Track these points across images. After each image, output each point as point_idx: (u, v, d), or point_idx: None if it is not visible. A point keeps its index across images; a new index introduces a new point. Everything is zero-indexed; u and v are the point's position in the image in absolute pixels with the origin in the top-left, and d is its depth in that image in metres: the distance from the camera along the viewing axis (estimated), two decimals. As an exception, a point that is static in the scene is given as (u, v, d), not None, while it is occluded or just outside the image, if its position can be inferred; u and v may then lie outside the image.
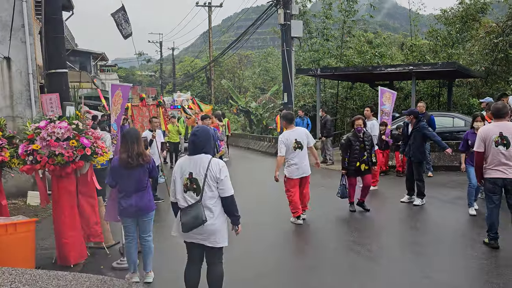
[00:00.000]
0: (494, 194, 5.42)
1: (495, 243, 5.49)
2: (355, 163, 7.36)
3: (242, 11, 50.64)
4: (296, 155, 6.81)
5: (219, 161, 3.83)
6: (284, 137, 6.90)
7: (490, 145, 5.36)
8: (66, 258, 5.34)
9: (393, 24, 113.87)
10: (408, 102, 20.28)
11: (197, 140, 3.83)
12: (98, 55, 32.85)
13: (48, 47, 5.74)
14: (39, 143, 5.14)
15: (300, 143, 6.84)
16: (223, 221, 3.86)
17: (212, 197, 3.77)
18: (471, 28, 21.36)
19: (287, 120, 7.06)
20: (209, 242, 3.84)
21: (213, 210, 3.78)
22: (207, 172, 3.73)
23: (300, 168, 6.85)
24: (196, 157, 3.82)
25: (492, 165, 5.39)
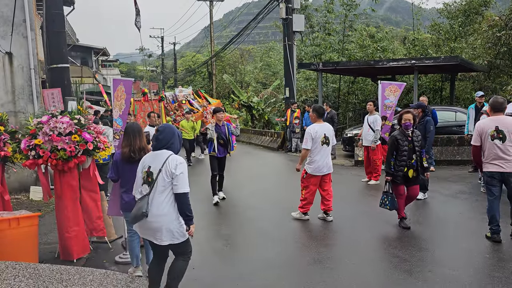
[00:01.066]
0: (493, 186, 5.47)
1: (497, 237, 5.49)
2: (403, 167, 6.14)
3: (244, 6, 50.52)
4: (323, 151, 6.58)
5: (178, 158, 3.82)
6: (314, 130, 6.59)
7: (486, 139, 5.41)
8: (69, 252, 5.36)
9: (395, 18, 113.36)
10: (410, 96, 20.22)
11: (160, 136, 3.89)
12: (99, 50, 32.83)
13: (50, 42, 5.73)
14: (42, 138, 5.15)
15: (328, 139, 6.62)
16: (171, 220, 3.78)
17: (162, 192, 3.76)
18: (474, 21, 21.24)
19: (318, 114, 6.74)
20: (154, 239, 3.84)
21: (161, 206, 3.75)
22: (162, 167, 3.75)
23: (325, 165, 6.62)
24: (157, 152, 3.88)
25: (489, 159, 5.44)
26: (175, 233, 3.80)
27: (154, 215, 3.74)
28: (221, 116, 8.16)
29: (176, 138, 3.95)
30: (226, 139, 8.12)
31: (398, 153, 6.16)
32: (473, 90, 19.26)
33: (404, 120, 6.15)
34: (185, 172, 3.79)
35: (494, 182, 5.44)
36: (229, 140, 8.22)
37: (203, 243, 5.98)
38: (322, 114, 6.76)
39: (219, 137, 8.05)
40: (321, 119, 6.75)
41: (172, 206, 3.79)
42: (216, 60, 32.04)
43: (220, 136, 8.06)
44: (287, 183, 10.58)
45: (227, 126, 8.28)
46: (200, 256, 5.43)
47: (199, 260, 5.28)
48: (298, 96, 19.53)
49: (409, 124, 6.11)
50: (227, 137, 8.16)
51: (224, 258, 5.44)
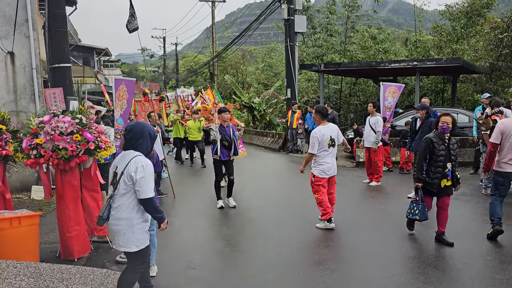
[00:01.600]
0: (503, 186, 5.59)
1: (499, 227, 5.57)
2: (439, 174, 5.51)
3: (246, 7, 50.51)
4: (330, 153, 6.43)
5: (140, 160, 3.60)
6: (320, 133, 6.41)
7: (507, 139, 5.49)
8: (69, 252, 5.36)
9: (397, 20, 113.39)
10: (412, 98, 20.22)
11: (128, 136, 3.75)
12: (101, 50, 32.91)
13: (52, 42, 5.74)
14: (43, 137, 5.15)
15: (334, 141, 6.47)
16: (130, 225, 3.60)
17: (123, 194, 3.60)
18: (476, 23, 21.24)
19: (322, 115, 6.55)
20: (113, 243, 3.73)
21: (121, 209, 3.60)
22: (124, 169, 3.59)
23: (332, 167, 6.48)
24: (125, 152, 3.73)
25: (507, 159, 5.52)
26: (131, 240, 3.62)
27: (114, 218, 3.61)
28: (226, 117, 7.72)
29: (145, 138, 3.74)
30: (230, 140, 7.71)
31: (433, 158, 5.49)
32: (475, 92, 19.26)
33: (442, 123, 5.45)
34: (147, 175, 3.57)
35: (505, 183, 5.58)
36: (234, 142, 7.77)
37: (203, 244, 5.99)
38: (326, 115, 6.60)
39: (223, 138, 7.66)
40: (325, 120, 6.59)
41: (133, 211, 3.62)
42: (217, 61, 32.07)
43: (225, 137, 7.66)
44: (289, 184, 10.59)
45: (232, 128, 7.85)
46: (201, 256, 5.44)
47: (200, 260, 5.29)
48: (300, 97, 19.55)
49: (447, 128, 5.41)
50: (232, 139, 7.74)
51: (225, 259, 5.43)
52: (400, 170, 10.98)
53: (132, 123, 3.91)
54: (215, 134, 7.62)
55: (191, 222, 7.23)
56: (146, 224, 3.76)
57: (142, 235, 3.69)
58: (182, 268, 5.07)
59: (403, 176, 10.48)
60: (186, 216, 7.65)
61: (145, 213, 3.72)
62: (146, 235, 3.76)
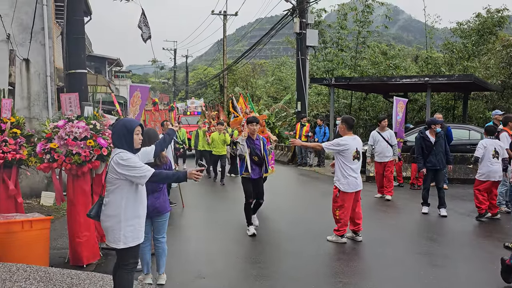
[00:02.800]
0: None
1: None
2: None
3: (256, 21, 51.06)
4: (354, 167, 6.10)
5: (120, 156, 3.56)
6: (346, 142, 6.07)
7: None
8: (79, 258, 5.32)
9: (407, 37, 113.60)
10: (422, 114, 20.14)
11: (111, 134, 3.75)
12: (113, 61, 33.29)
13: (69, 48, 5.81)
14: (57, 142, 5.16)
15: (359, 154, 6.16)
16: (117, 221, 3.59)
17: (111, 192, 3.61)
18: (488, 41, 21.22)
19: (348, 125, 6.20)
20: (106, 239, 3.74)
21: (109, 206, 3.61)
22: (108, 167, 3.64)
23: (358, 181, 6.14)
24: (113, 151, 3.74)
25: None
26: (118, 237, 3.60)
27: (104, 214, 3.63)
28: (253, 128, 6.69)
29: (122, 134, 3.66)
30: (261, 155, 6.68)
31: None
32: (486, 109, 19.14)
33: None
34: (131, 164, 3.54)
35: None
36: (265, 158, 6.76)
37: (213, 254, 5.93)
38: (352, 126, 6.24)
39: (252, 152, 6.64)
40: (351, 131, 6.23)
41: (121, 208, 3.59)
42: (228, 73, 32.27)
43: (254, 151, 6.63)
44: (298, 196, 10.55)
45: (263, 141, 6.84)
46: (211, 267, 5.38)
47: (209, 270, 5.23)
48: (310, 111, 19.55)
49: None
50: (262, 154, 6.71)
51: (235, 269, 5.37)
52: (411, 185, 10.87)
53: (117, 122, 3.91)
54: (242, 148, 6.66)
55: (200, 232, 7.18)
56: (137, 221, 3.69)
57: (131, 233, 3.63)
58: (192, 277, 5.01)
59: (414, 191, 10.38)
60: (195, 227, 7.61)
61: (136, 210, 3.69)
62: (137, 233, 3.69)
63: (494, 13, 20.90)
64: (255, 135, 6.76)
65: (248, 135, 6.72)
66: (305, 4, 15.76)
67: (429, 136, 7.99)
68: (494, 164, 7.38)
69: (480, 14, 21.26)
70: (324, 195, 10.18)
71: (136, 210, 3.69)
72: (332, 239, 6.29)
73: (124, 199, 3.62)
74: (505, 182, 7.99)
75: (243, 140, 6.71)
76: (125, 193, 3.61)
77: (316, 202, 9.62)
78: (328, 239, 6.32)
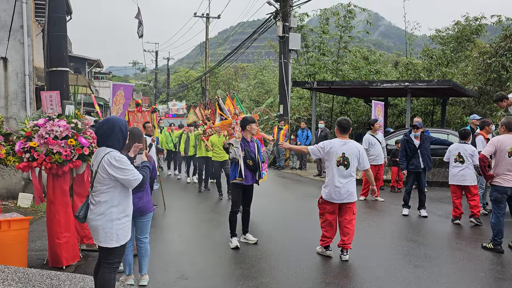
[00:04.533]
0: (502, 203, 5.85)
1: (501, 248, 5.86)
2: None
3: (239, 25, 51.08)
4: (339, 174, 5.39)
5: (113, 156, 3.51)
6: (330, 144, 5.49)
7: (503, 155, 5.73)
8: (58, 259, 5.21)
9: (387, 44, 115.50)
10: (402, 118, 20.46)
11: (98, 132, 3.65)
12: (93, 62, 32.77)
13: (51, 45, 5.70)
14: (37, 141, 5.06)
15: (348, 160, 5.39)
16: (109, 220, 3.56)
17: (101, 192, 3.55)
18: (465, 48, 21.74)
19: (340, 127, 5.55)
20: (94, 238, 3.67)
21: (100, 205, 3.55)
22: (98, 167, 3.55)
23: (342, 192, 5.39)
24: (99, 149, 3.66)
25: (501, 174, 5.78)
26: (110, 236, 3.56)
27: (94, 213, 3.56)
28: (255, 129, 6.23)
29: (116, 134, 3.61)
30: (256, 159, 6.15)
31: None
32: (464, 115, 19.57)
33: None
34: (125, 166, 3.52)
35: (503, 199, 5.84)
36: (259, 162, 6.23)
37: (195, 255, 5.89)
38: (345, 128, 5.53)
39: (247, 156, 6.08)
40: (346, 135, 5.56)
41: (113, 207, 3.57)
42: (210, 76, 32.18)
43: (249, 155, 6.09)
44: (281, 198, 10.56)
45: (257, 144, 6.33)
46: (193, 267, 5.35)
47: (192, 271, 5.19)
48: (292, 114, 19.64)
49: None
50: (257, 158, 6.18)
51: (218, 269, 5.33)
52: (391, 188, 11.02)
53: (102, 119, 3.83)
54: (236, 151, 6.07)
55: (183, 233, 7.13)
56: (127, 219, 3.69)
57: (122, 231, 3.63)
58: (174, 278, 4.97)
59: (394, 194, 10.53)
60: (177, 228, 7.54)
61: (127, 209, 3.69)
62: (127, 231, 3.69)
63: (472, 21, 21.43)
64: (250, 137, 6.29)
65: (242, 136, 6.22)
66: (288, 8, 15.86)
67: (413, 139, 8.12)
68: (454, 167, 7.57)
69: (459, 22, 21.78)
70: (307, 197, 10.25)
71: (127, 208, 3.69)
72: (318, 250, 5.80)
73: (117, 198, 3.59)
74: (481, 185, 8.17)
75: (237, 142, 6.15)
76: (117, 193, 3.60)
77: (299, 204, 9.65)
78: (316, 250, 5.84)
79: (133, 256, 4.77)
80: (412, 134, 8.21)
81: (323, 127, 14.13)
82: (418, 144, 8.07)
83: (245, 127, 6.22)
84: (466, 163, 7.45)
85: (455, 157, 7.56)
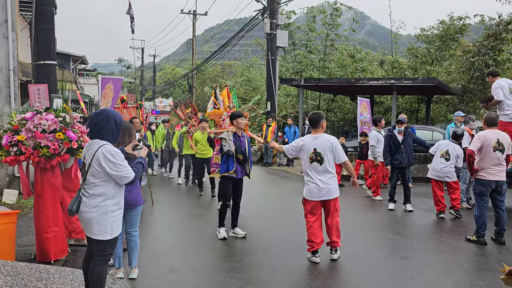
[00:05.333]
0: (485, 196, 6.00)
1: (484, 240, 6.01)
2: None
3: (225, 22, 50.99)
4: (314, 171, 5.23)
5: (108, 150, 3.48)
6: (302, 141, 5.37)
7: (488, 150, 5.86)
8: (46, 253, 5.17)
9: (372, 43, 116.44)
10: (388, 116, 20.68)
11: (92, 124, 3.59)
12: (78, 58, 32.40)
13: (38, 38, 5.64)
14: (25, 134, 5.01)
15: (320, 156, 5.19)
16: (104, 212, 3.54)
17: (95, 185, 3.52)
18: (450, 47, 22.09)
19: (310, 122, 5.47)
20: (86, 231, 3.64)
21: (93, 198, 3.52)
22: (92, 160, 3.49)
23: (321, 189, 5.21)
24: (91, 142, 3.61)
25: (486, 168, 5.91)
26: (105, 228, 3.55)
27: (87, 205, 3.52)
28: (243, 123, 6.32)
29: (110, 126, 3.57)
30: (246, 154, 6.27)
31: None
32: (448, 112, 19.90)
33: None
34: (119, 161, 3.50)
35: (487, 192, 5.98)
36: (249, 156, 6.37)
37: (184, 249, 5.91)
38: (315, 123, 5.39)
39: (238, 150, 6.18)
40: (319, 129, 5.37)
41: (107, 199, 3.56)
42: (196, 73, 32.06)
43: (239, 149, 6.19)
44: (269, 193, 10.62)
45: (247, 139, 6.44)
46: (182, 261, 5.36)
47: (181, 264, 5.21)
48: (279, 111, 19.72)
49: None
50: (247, 152, 6.31)
51: (207, 263, 5.36)
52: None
53: (95, 111, 3.77)
54: (229, 144, 6.15)
55: (172, 228, 7.15)
56: (120, 211, 3.70)
57: (115, 223, 3.63)
58: (164, 271, 4.98)
59: (380, 189, 10.66)
60: (166, 223, 7.55)
61: (120, 201, 3.70)
62: (120, 223, 3.72)
63: (456, 20, 21.78)
64: (241, 132, 6.35)
65: (234, 131, 6.26)
66: (276, 5, 15.92)
67: (397, 135, 8.25)
68: (438, 162, 7.73)
69: (444, 21, 22.12)
70: (294, 193, 10.31)
71: (121, 200, 3.69)
72: (307, 256, 5.43)
73: (111, 190, 3.58)
74: (465, 180, 8.35)
75: (229, 135, 6.20)
76: (112, 185, 3.58)
77: (286, 200, 9.73)
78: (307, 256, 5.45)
79: (122, 250, 4.77)
80: (396, 129, 8.33)
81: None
82: (401, 139, 8.19)
83: (233, 122, 6.33)
84: (451, 161, 7.61)
85: (443, 153, 7.68)
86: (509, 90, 7.46)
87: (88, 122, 3.66)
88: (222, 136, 6.27)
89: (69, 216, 3.58)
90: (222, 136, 6.25)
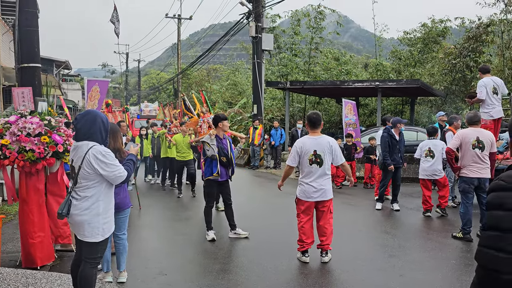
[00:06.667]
0: (469, 193, 6.09)
1: (470, 236, 6.13)
2: None
3: (210, 27, 50.97)
4: (312, 172, 5.18)
5: (98, 150, 3.45)
6: (299, 144, 5.26)
7: (468, 147, 5.97)
8: (32, 259, 5.07)
9: (356, 46, 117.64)
10: (373, 118, 20.91)
11: (78, 125, 3.52)
12: (61, 63, 32.03)
13: (22, 41, 5.55)
14: (9, 138, 4.92)
15: (320, 157, 5.15)
16: (96, 214, 3.50)
17: (86, 187, 3.49)
18: (432, 50, 22.44)
19: (310, 122, 5.31)
20: (78, 234, 3.59)
21: (84, 200, 3.48)
22: (82, 163, 3.44)
23: (317, 190, 5.19)
24: (79, 144, 3.55)
25: (467, 166, 6.02)
26: (97, 230, 3.51)
27: (78, 208, 3.48)
28: (228, 126, 6.40)
29: (98, 126, 3.53)
30: (229, 156, 6.31)
31: None
32: (431, 114, 20.20)
33: None
34: (111, 161, 3.47)
35: (470, 189, 6.07)
36: (232, 158, 6.40)
37: (173, 252, 5.87)
38: (314, 123, 5.28)
39: (221, 153, 6.20)
40: (317, 130, 5.29)
41: (99, 201, 3.52)
42: (182, 78, 31.97)
43: (222, 152, 6.21)
44: (256, 196, 10.60)
45: (229, 141, 6.49)
46: (172, 264, 5.33)
47: (171, 267, 5.17)
48: (265, 114, 19.77)
49: None
50: (230, 154, 6.34)
51: (196, 265, 5.33)
52: (364, 185, 11.26)
53: (81, 112, 3.73)
54: (214, 148, 6.17)
55: (160, 231, 7.10)
56: (111, 212, 3.69)
57: (107, 225, 3.61)
58: (153, 274, 4.94)
59: (367, 190, 10.78)
60: (154, 226, 7.49)
61: (111, 202, 3.69)
62: (112, 225, 3.70)
63: (438, 23, 22.14)
64: (223, 134, 6.37)
65: (215, 134, 6.30)
66: (261, 8, 15.98)
67: (395, 134, 8.30)
68: (425, 162, 7.87)
69: (426, 24, 22.47)
70: (281, 195, 10.29)
71: (111, 201, 3.68)
72: (297, 256, 5.43)
73: (103, 192, 3.55)
74: (450, 178, 8.47)
75: (212, 139, 6.21)
76: (103, 187, 3.55)
77: (274, 202, 9.72)
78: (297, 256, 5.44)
79: (110, 254, 4.72)
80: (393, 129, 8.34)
81: (301, 127, 14.03)
82: (398, 139, 8.30)
83: (217, 125, 6.34)
84: (436, 157, 7.73)
85: (426, 152, 7.83)
86: (493, 89, 7.59)
87: (74, 123, 3.60)
88: (204, 139, 6.28)
89: (58, 219, 3.51)
90: (204, 140, 6.27)
